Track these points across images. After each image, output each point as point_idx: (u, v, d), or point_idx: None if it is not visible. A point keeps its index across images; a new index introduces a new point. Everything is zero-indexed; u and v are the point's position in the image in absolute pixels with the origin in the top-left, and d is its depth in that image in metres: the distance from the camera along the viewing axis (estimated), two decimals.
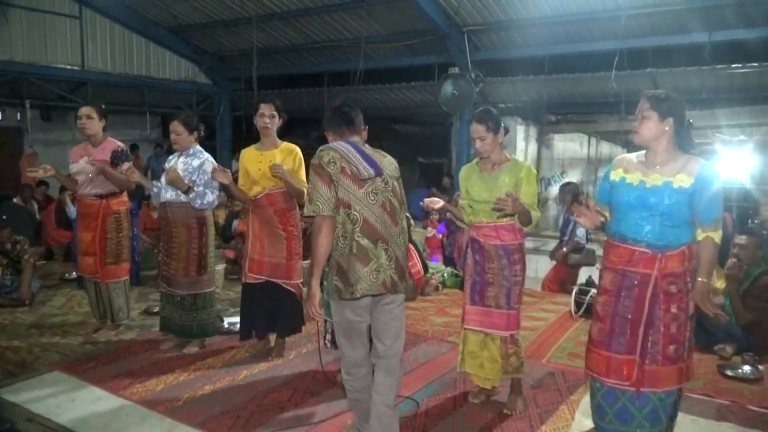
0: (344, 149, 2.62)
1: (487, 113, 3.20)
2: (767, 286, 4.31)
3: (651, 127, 2.50)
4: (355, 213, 2.54)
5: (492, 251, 3.24)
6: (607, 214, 2.77)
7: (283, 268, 3.94)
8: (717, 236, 2.49)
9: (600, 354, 2.64)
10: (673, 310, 2.52)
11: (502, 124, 3.24)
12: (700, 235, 2.52)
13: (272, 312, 4.03)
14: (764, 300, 4.28)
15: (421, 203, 3.40)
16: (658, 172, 2.53)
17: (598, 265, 6.32)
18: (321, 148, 2.64)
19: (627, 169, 2.64)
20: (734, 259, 4.39)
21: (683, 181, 2.46)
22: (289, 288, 3.99)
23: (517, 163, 3.27)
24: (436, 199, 3.36)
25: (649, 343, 2.54)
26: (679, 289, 2.52)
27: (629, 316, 2.56)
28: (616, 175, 2.67)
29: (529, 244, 7.70)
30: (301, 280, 4.06)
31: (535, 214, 3.15)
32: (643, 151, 2.66)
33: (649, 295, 2.52)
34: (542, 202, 10.71)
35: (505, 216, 3.13)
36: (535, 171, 3.27)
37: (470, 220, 3.36)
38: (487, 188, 3.22)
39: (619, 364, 2.58)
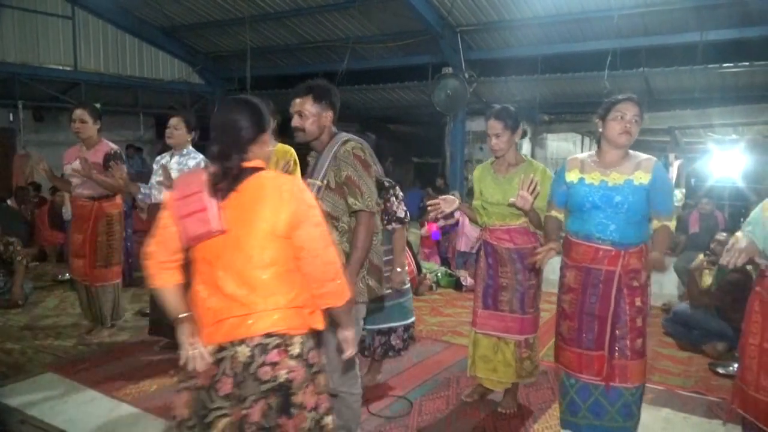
0: (367, 145, 2.60)
1: (506, 110, 3.11)
2: (734, 282, 4.39)
3: (637, 131, 2.58)
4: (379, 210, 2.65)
5: (505, 255, 3.17)
6: (562, 216, 2.80)
7: None
8: (672, 225, 2.62)
9: (572, 351, 2.69)
10: (638, 303, 2.61)
11: (521, 125, 3.15)
12: (656, 225, 2.61)
13: None
14: (724, 291, 4.38)
15: (435, 200, 3.25)
16: (616, 171, 2.59)
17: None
18: (352, 138, 2.52)
19: (583, 170, 2.67)
20: (707, 254, 4.48)
21: (642, 178, 2.55)
22: None
23: (532, 164, 3.17)
24: (451, 198, 3.23)
25: (617, 338, 2.61)
26: (640, 284, 2.61)
27: (596, 313, 2.62)
28: (573, 177, 2.69)
29: None
30: None
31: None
32: (593, 152, 2.73)
33: (614, 291, 2.58)
34: None
35: (518, 212, 3.05)
36: (551, 173, 3.14)
37: (484, 222, 3.28)
38: (501, 190, 3.12)
39: (591, 360, 2.64)
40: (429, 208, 3.31)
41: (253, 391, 1.76)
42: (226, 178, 1.76)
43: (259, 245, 1.77)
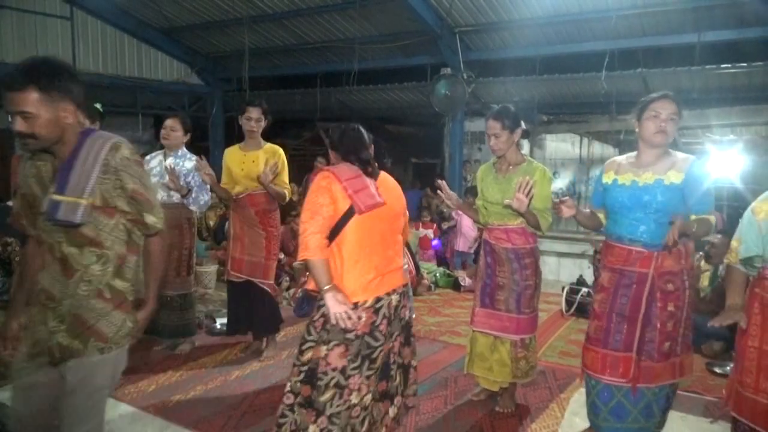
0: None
1: (505, 110, 3.14)
2: None
3: (674, 130, 2.55)
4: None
5: (503, 254, 3.19)
6: (602, 216, 2.82)
7: (261, 267, 4.01)
8: (712, 219, 2.57)
9: (597, 351, 2.68)
10: (670, 308, 2.57)
11: (522, 125, 3.18)
12: (694, 218, 2.56)
13: (251, 311, 4.09)
14: (722, 295, 4.36)
15: (439, 192, 3.31)
16: (650, 171, 2.57)
17: (588, 264, 6.39)
18: (121, 140, 2.15)
19: (618, 171, 2.69)
20: (701, 253, 4.50)
21: (674, 178, 2.51)
22: (265, 287, 4.04)
23: (532, 165, 3.19)
24: (456, 198, 3.29)
25: (646, 340, 2.59)
26: (676, 287, 2.57)
27: (626, 314, 2.60)
28: (608, 178, 2.71)
29: None
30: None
31: (545, 220, 3.07)
32: (633, 153, 2.72)
33: (646, 294, 2.56)
34: None
35: (515, 214, 3.07)
36: (550, 174, 3.17)
37: (484, 221, 3.31)
38: (500, 189, 3.15)
39: (616, 361, 2.62)
40: (438, 192, 3.33)
41: (397, 327, 2.44)
42: (371, 166, 2.41)
43: (398, 217, 2.50)
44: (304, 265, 2.40)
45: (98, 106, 4.33)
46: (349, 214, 2.29)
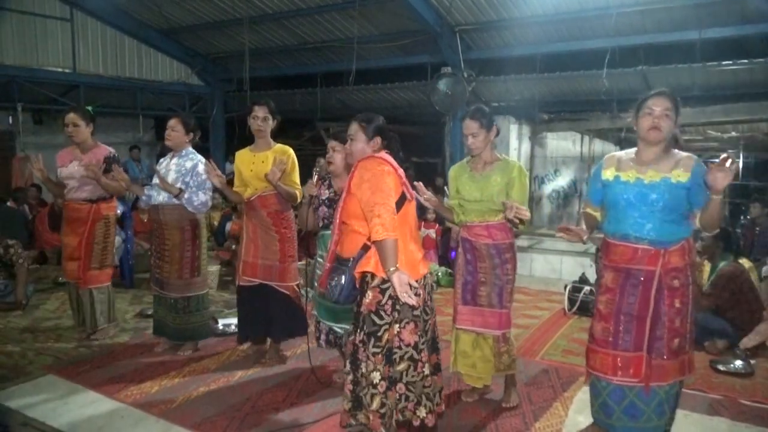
0: None
1: (480, 110, 3.22)
2: (727, 275, 4.41)
3: (670, 126, 2.54)
4: None
5: (484, 250, 3.24)
6: (598, 215, 2.81)
7: (276, 270, 3.89)
8: None
9: (606, 353, 2.65)
10: (677, 304, 2.57)
11: (495, 123, 3.25)
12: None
13: (267, 315, 3.99)
14: (720, 287, 4.41)
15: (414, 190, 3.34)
16: (653, 169, 2.56)
17: (591, 262, 6.37)
18: None
19: (619, 167, 2.66)
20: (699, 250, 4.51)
21: (680, 176, 2.50)
22: (283, 291, 3.95)
23: (509, 162, 3.26)
24: (431, 198, 3.30)
25: (656, 339, 2.58)
26: (681, 283, 2.57)
27: (635, 314, 2.59)
28: (609, 174, 2.69)
29: (523, 242, 7.75)
30: (297, 282, 4.02)
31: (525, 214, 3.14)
32: (632, 149, 2.70)
33: (654, 292, 2.55)
34: (536, 201, 10.73)
35: (497, 209, 3.16)
36: (526, 171, 3.27)
37: (461, 220, 3.36)
38: (478, 187, 3.22)
39: (627, 361, 2.60)
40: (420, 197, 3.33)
41: (432, 305, 2.71)
42: (406, 162, 2.73)
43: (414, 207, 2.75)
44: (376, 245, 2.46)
45: (89, 108, 4.35)
46: (401, 200, 2.54)
